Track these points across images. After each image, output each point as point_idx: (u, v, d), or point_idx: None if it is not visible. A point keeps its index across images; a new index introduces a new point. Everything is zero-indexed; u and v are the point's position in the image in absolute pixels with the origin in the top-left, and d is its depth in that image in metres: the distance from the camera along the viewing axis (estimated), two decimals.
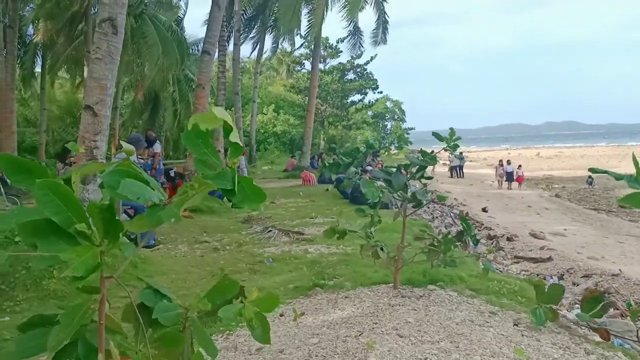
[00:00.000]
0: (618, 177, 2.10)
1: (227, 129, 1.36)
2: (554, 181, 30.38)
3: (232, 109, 28.64)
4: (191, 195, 1.40)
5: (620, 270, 8.80)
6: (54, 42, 23.39)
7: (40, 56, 25.55)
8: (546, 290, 4.05)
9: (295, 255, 7.26)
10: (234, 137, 1.36)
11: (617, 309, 6.51)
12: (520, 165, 28.25)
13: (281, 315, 4.45)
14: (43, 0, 20.06)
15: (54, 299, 5.01)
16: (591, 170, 2.35)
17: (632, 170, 2.08)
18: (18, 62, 20.42)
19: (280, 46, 33.03)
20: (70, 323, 1.39)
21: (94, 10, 20.53)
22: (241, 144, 1.37)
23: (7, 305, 4.81)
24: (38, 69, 26.49)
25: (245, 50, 50.11)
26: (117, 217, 1.38)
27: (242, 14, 28.57)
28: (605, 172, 2.46)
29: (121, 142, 1.79)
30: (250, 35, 29.73)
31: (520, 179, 27.24)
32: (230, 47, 27.64)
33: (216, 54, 17.74)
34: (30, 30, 24.61)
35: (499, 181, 27.85)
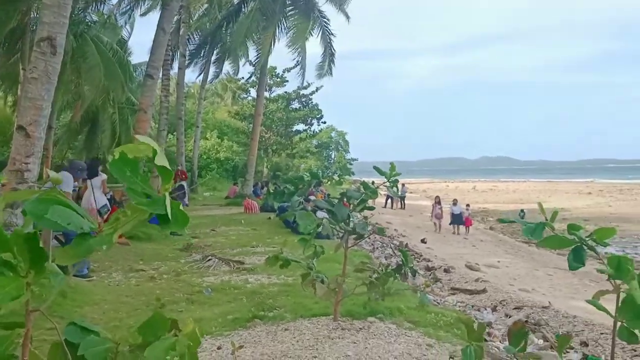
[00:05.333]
0: (525, 228, 2.22)
1: (154, 152, 1.30)
2: (489, 214, 31.29)
3: (174, 133, 28.17)
4: (124, 223, 1.34)
5: (549, 302, 9.11)
6: None
7: None
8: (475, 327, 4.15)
9: (235, 285, 7.13)
10: (161, 160, 1.30)
11: (547, 341, 6.71)
12: (468, 205, 23.20)
13: (219, 348, 4.33)
14: None
15: None
16: (500, 221, 2.57)
17: (559, 204, 2.19)
18: None
19: (225, 74, 32.96)
20: None
21: (34, 27, 19.88)
22: (169, 168, 1.31)
23: None
24: None
25: (190, 75, 49.80)
26: (42, 245, 1.31)
27: (188, 39, 28.46)
28: (513, 221, 2.72)
29: (49, 171, 1.70)
30: (196, 61, 29.53)
31: (468, 222, 21.85)
32: (175, 71, 27.41)
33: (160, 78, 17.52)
34: None
35: (436, 224, 21.99)
